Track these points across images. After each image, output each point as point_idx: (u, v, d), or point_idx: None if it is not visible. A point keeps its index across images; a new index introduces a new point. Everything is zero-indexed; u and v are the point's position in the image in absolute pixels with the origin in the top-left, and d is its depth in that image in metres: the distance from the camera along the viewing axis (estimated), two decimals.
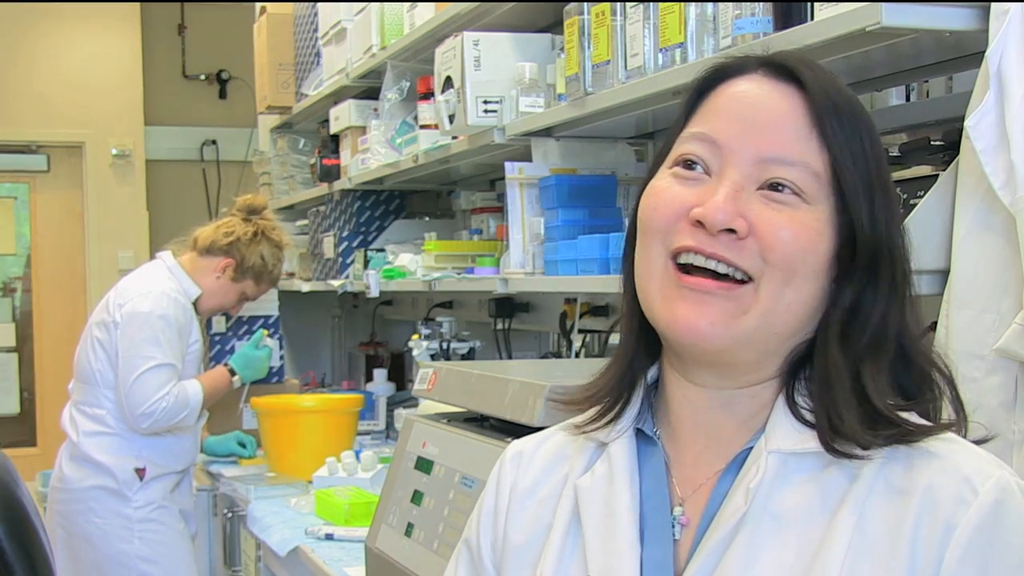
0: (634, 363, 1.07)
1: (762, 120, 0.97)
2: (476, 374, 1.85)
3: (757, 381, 1.00)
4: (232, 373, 3.53)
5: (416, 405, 3.31)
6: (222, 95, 7.24)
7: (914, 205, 1.43)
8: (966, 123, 1.34)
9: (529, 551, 1.06)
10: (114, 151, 6.91)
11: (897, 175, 1.56)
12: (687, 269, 0.97)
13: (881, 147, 1.00)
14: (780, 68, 1.00)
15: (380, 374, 4.21)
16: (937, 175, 1.45)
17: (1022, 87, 1.30)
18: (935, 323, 1.40)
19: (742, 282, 0.95)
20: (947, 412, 1.01)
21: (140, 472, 3.24)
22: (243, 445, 3.81)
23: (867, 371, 0.96)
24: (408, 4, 3.09)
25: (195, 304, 3.38)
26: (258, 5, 4.73)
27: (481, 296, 3.55)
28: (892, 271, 0.98)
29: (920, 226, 1.40)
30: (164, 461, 3.29)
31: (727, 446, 1.01)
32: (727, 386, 1.00)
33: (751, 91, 0.99)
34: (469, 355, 3.54)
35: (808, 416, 0.97)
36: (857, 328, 0.97)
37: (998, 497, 0.91)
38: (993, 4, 1.35)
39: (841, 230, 0.96)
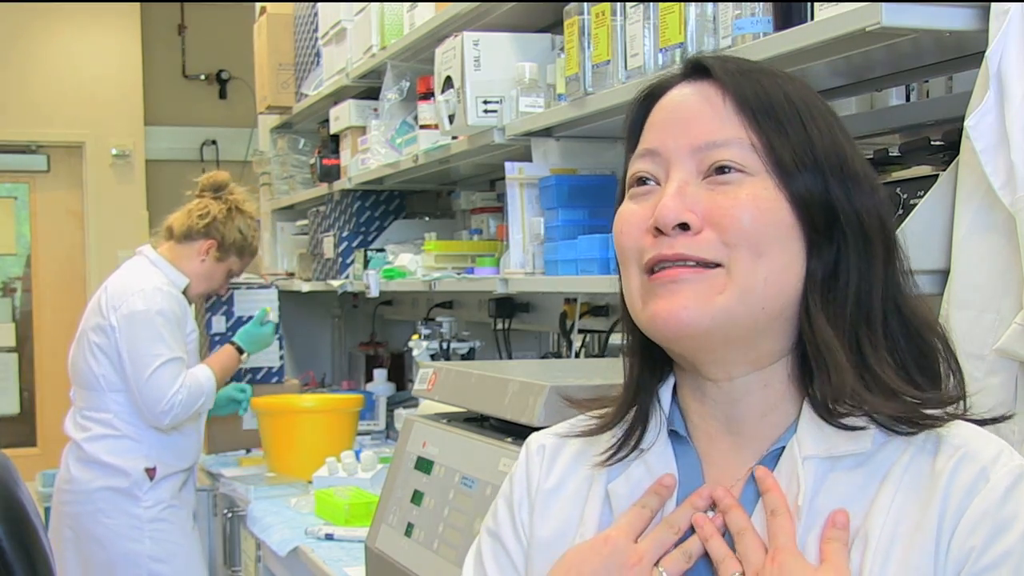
0: (643, 375, 1.08)
1: (688, 117, 1.01)
2: (476, 374, 1.85)
3: (758, 364, 1.01)
4: (240, 351, 3.54)
5: (416, 405, 3.31)
6: (222, 95, 7.23)
7: (914, 205, 1.43)
8: (966, 123, 1.34)
9: (558, 543, 1.07)
10: (114, 151, 6.91)
11: (897, 175, 1.56)
12: None
13: (829, 117, 1.02)
14: (699, 69, 1.04)
15: (380, 374, 4.21)
16: (937, 175, 1.45)
17: (1022, 87, 1.30)
18: None
19: (713, 267, 0.97)
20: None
21: (150, 472, 3.24)
22: (241, 394, 3.69)
23: (865, 340, 0.98)
24: (408, 4, 3.09)
25: (184, 292, 3.38)
26: (258, 5, 4.72)
27: (481, 296, 3.55)
28: (864, 234, 0.99)
29: (920, 226, 1.40)
30: (172, 460, 3.29)
31: (752, 441, 1.02)
32: (735, 375, 1.01)
33: (676, 97, 1.03)
34: (469, 355, 3.54)
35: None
36: (838, 295, 0.98)
37: (1009, 484, 0.92)
38: (993, 4, 1.35)
39: (796, 198, 0.98)
